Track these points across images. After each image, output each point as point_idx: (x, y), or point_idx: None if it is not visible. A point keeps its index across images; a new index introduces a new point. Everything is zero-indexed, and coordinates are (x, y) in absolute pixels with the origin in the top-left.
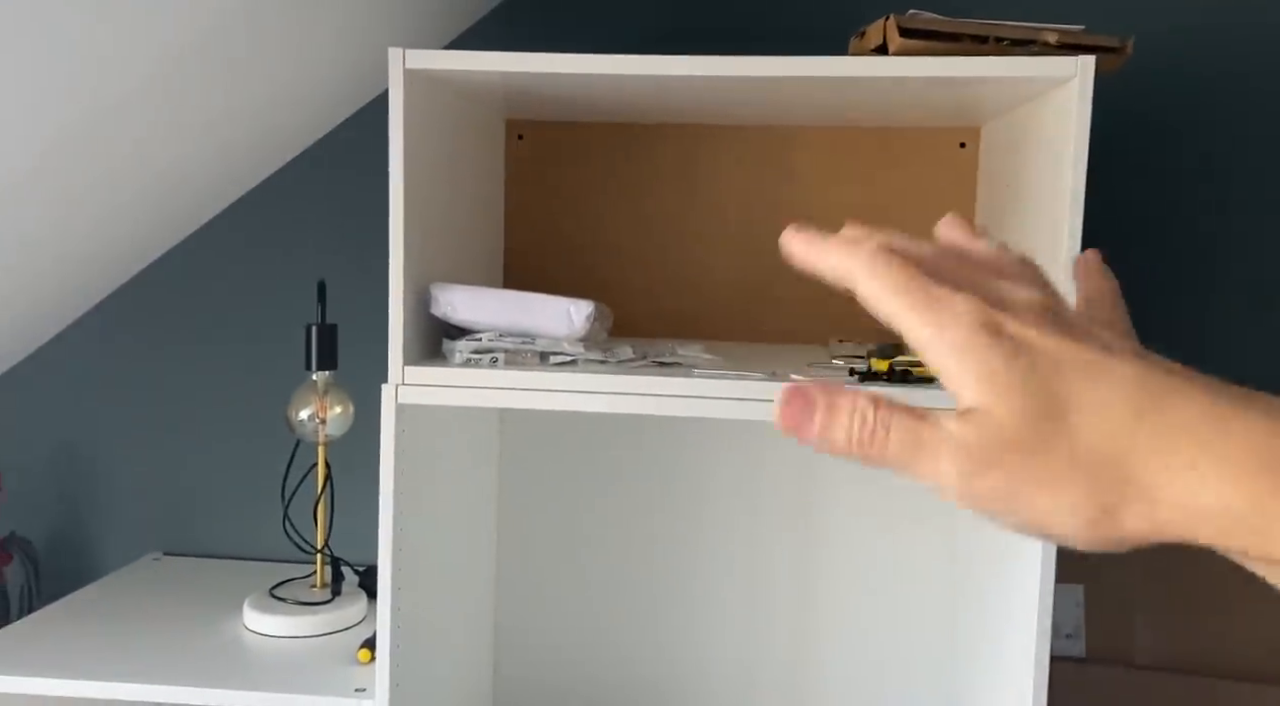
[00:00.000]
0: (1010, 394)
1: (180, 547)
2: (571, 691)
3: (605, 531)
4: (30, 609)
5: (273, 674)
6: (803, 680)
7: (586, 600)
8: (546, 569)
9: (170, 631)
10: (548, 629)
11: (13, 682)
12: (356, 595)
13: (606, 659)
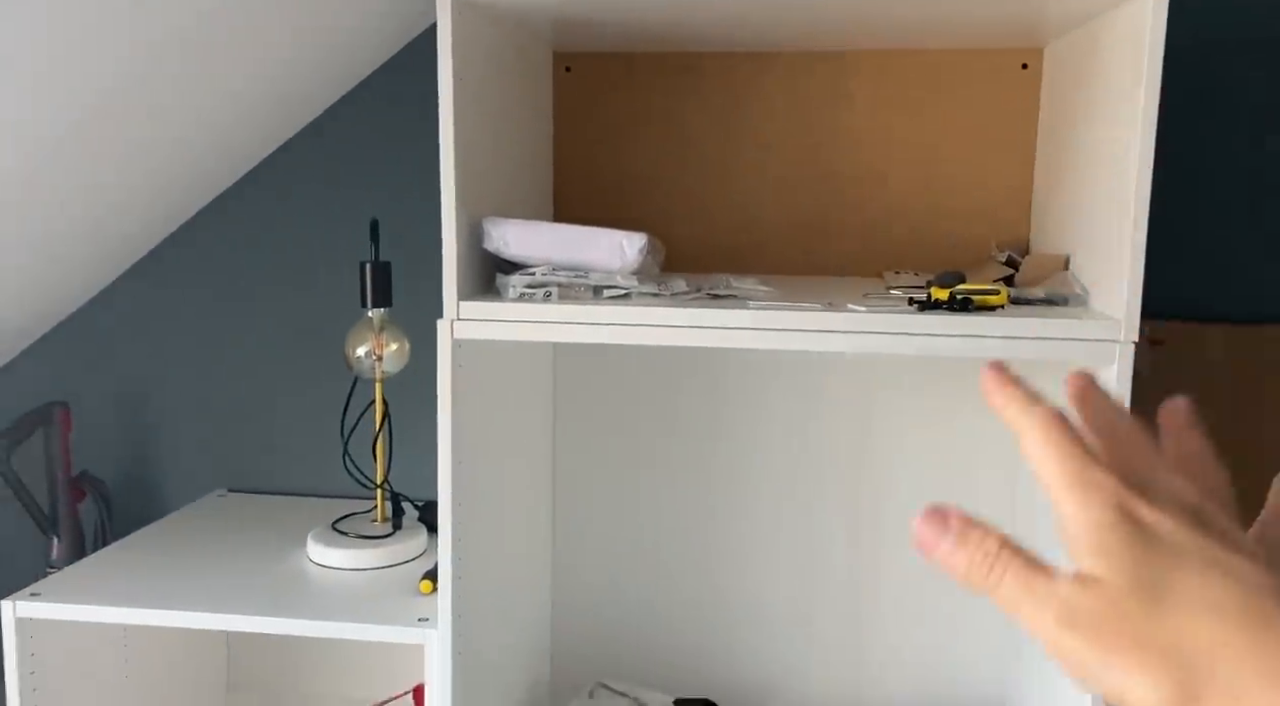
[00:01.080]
0: (1123, 570)
1: (244, 484)
2: (627, 625)
3: (659, 466)
4: (103, 545)
5: (337, 604)
6: (859, 621)
7: (641, 534)
8: (601, 503)
9: (237, 564)
10: (603, 563)
11: (90, 612)
12: (416, 529)
13: (661, 594)
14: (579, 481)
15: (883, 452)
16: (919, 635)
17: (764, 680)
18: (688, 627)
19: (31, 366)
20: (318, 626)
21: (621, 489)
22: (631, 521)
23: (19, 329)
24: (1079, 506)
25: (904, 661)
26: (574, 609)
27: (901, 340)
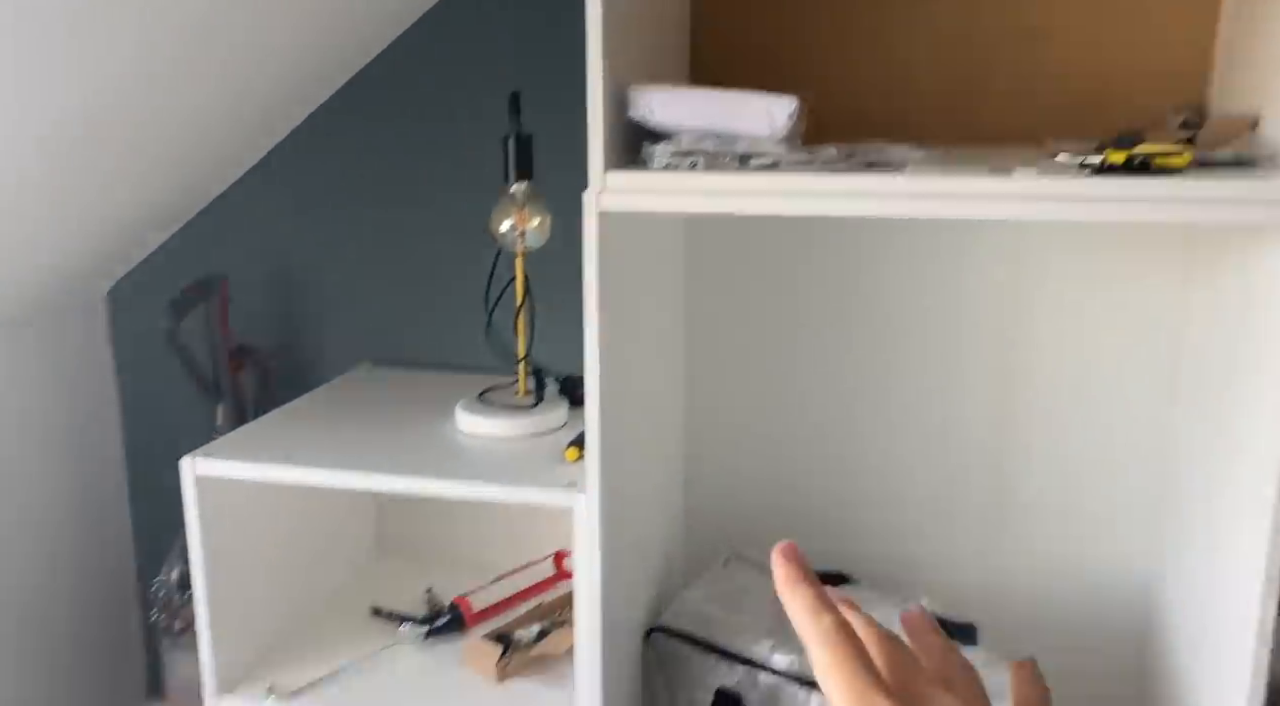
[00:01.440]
0: None
1: (389, 358)
2: (759, 498)
3: (794, 339)
4: (261, 413)
5: (488, 468)
6: (1001, 504)
7: (775, 408)
8: (735, 375)
9: (389, 431)
10: (737, 436)
11: (257, 470)
12: (557, 401)
13: (796, 471)
14: (712, 353)
15: (1034, 327)
16: (1063, 524)
17: (898, 557)
18: (821, 502)
19: (190, 241)
20: (471, 488)
21: (755, 362)
22: (765, 394)
23: (176, 205)
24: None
25: (1045, 550)
26: (708, 481)
27: (1075, 207)
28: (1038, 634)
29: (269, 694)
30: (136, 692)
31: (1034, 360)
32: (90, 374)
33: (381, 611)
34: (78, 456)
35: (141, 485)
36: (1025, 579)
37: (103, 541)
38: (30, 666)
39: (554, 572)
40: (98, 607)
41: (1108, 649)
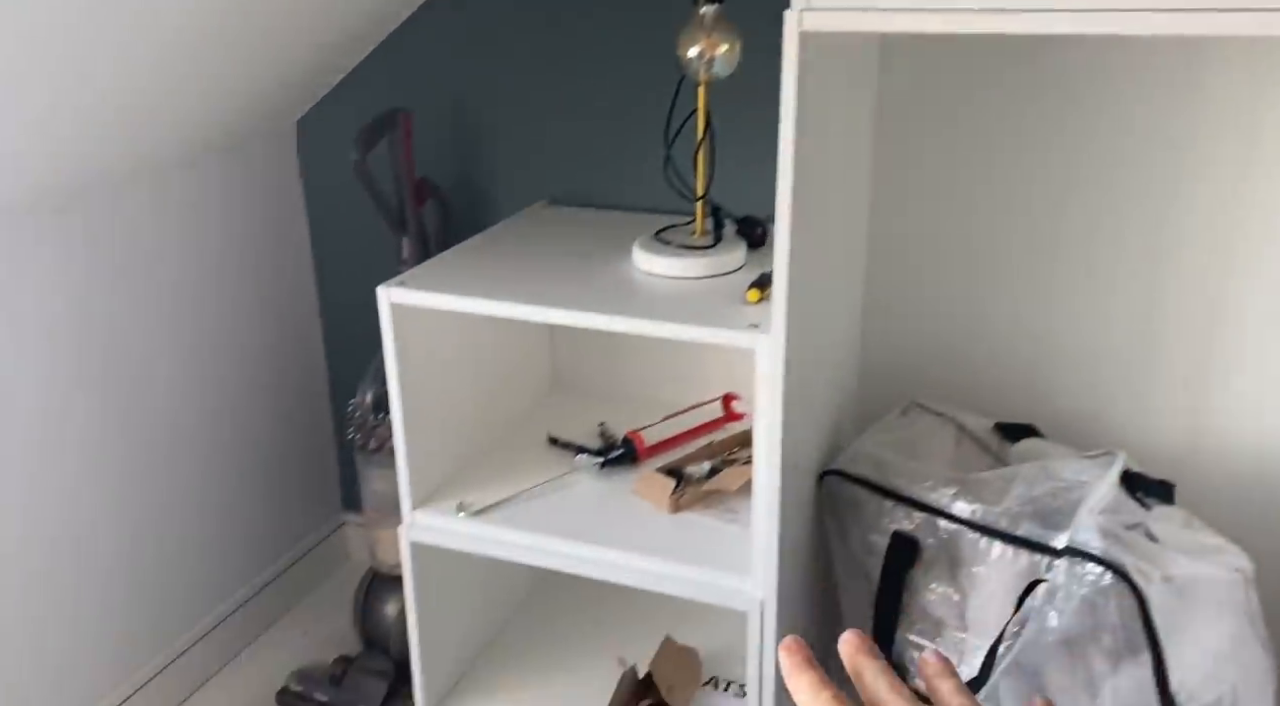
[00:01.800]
0: None
1: (566, 197)
2: (940, 345)
3: (984, 175)
4: (444, 247)
5: (668, 307)
6: (1207, 361)
7: (962, 249)
8: (921, 215)
9: (570, 267)
10: (918, 279)
11: (447, 300)
12: (735, 242)
13: (979, 313)
14: (899, 191)
15: (1269, 165)
16: (1275, 391)
17: (1090, 412)
18: (1008, 352)
19: (374, 74)
20: (655, 326)
21: (944, 201)
22: (952, 235)
23: (362, 33)
24: None
25: (1252, 413)
26: (886, 326)
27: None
28: (1238, 497)
29: (459, 510)
30: (333, 505)
31: (1268, 195)
32: (281, 202)
33: (558, 441)
34: (273, 282)
35: (331, 310)
36: (1223, 441)
37: (299, 362)
38: (236, 482)
39: (722, 414)
40: (296, 426)
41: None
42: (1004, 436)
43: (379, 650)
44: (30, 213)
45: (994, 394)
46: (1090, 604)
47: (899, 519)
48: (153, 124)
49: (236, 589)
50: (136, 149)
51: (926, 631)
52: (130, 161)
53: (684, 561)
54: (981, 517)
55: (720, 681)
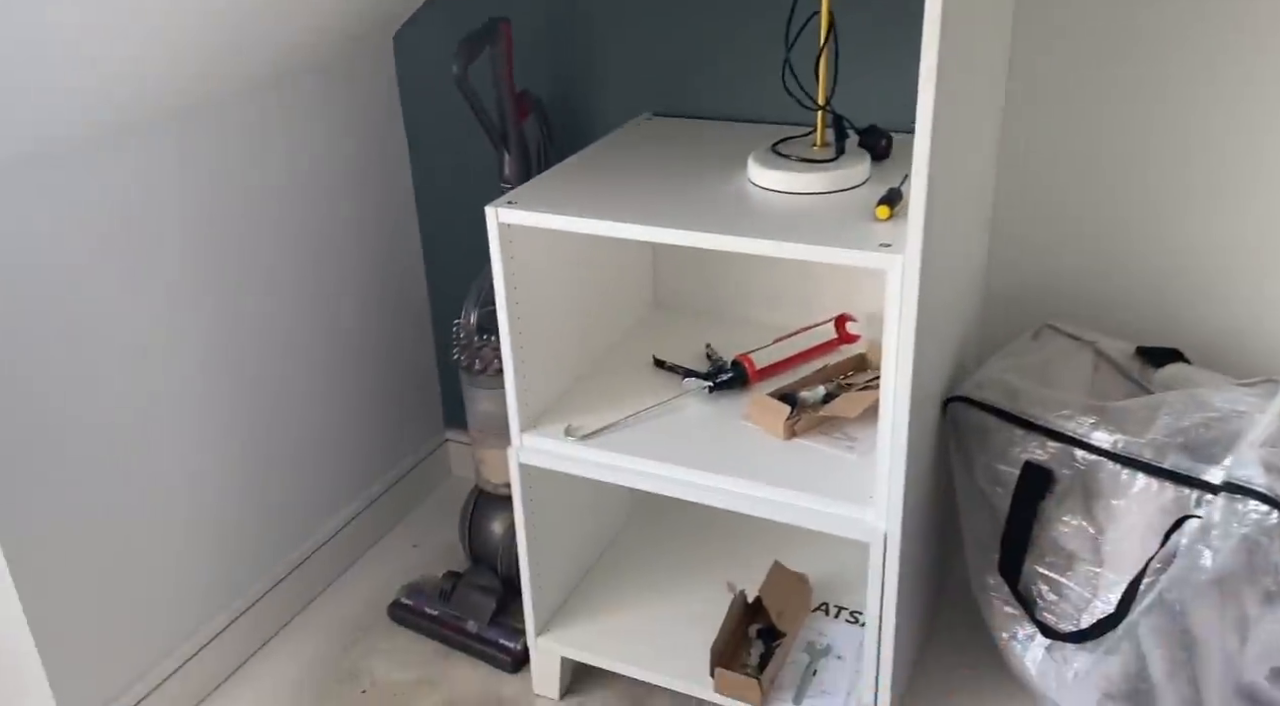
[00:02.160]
0: None
1: (670, 108)
2: (1073, 267)
3: (1126, 93)
4: (546, 161)
5: (790, 226)
6: None
7: (1096, 166)
8: (1054, 131)
9: (682, 183)
10: (1050, 199)
11: (555, 220)
12: (859, 155)
13: (1113, 233)
14: (1030, 103)
15: None
16: None
17: (1237, 334)
18: (1145, 269)
19: None
20: (779, 247)
21: (1076, 115)
22: (1086, 152)
23: None
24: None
25: None
26: (1014, 244)
27: None
28: None
29: (566, 433)
30: (436, 422)
31: None
32: (380, 119)
33: (664, 363)
34: (373, 200)
35: (430, 227)
36: None
37: (400, 280)
38: (343, 400)
39: (835, 336)
40: (399, 344)
41: None
42: (1146, 361)
43: (486, 567)
44: (134, 133)
45: (1131, 316)
46: (1251, 543)
47: (1031, 448)
48: (255, 42)
49: (346, 504)
50: (240, 69)
51: (1057, 564)
52: (232, 81)
53: (800, 489)
54: (1124, 448)
55: (831, 607)
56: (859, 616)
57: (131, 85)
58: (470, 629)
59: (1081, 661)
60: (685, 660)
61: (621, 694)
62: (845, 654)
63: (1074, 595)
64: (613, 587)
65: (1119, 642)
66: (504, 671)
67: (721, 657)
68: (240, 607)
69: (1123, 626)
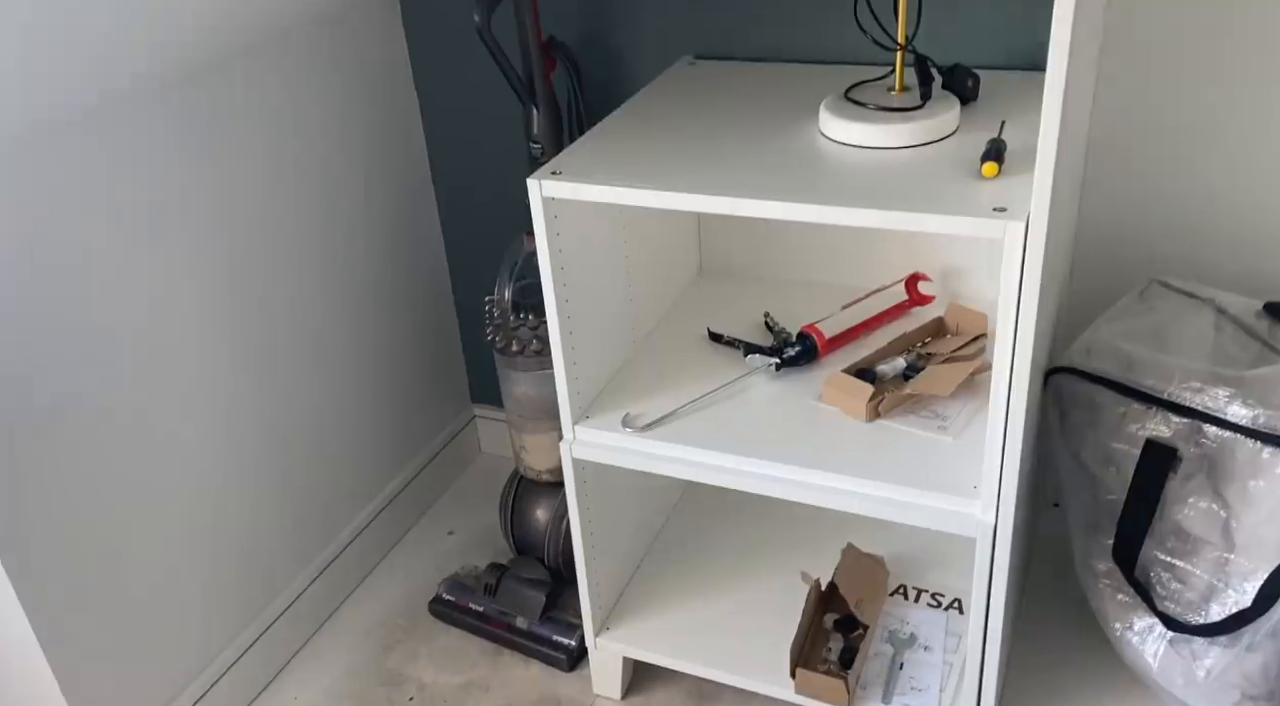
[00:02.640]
0: None
1: (714, 50)
2: (1173, 219)
3: (1225, 39)
4: (579, 117)
5: (879, 188)
6: None
7: (1189, 118)
8: (1147, 81)
9: (743, 140)
10: (1144, 150)
11: (607, 192)
12: (947, 100)
13: (1209, 185)
14: (1129, 37)
15: None
16: None
17: None
18: (1254, 217)
19: None
20: (878, 216)
21: (1172, 57)
22: (1179, 103)
23: None
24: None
25: None
26: (1106, 193)
27: None
28: None
29: (624, 424)
30: (463, 398)
31: None
32: (387, 75)
33: (722, 337)
34: (385, 163)
35: (447, 193)
36: None
37: (417, 247)
38: (366, 380)
39: (907, 298)
40: (420, 317)
41: None
42: (1275, 319)
43: (532, 557)
44: (130, 100)
45: (1243, 268)
46: None
47: (1152, 424)
48: None
49: (374, 492)
50: (241, 23)
51: (1180, 550)
52: (233, 39)
53: (893, 481)
54: (1265, 423)
55: (909, 590)
56: (941, 598)
57: (133, 53)
58: (520, 626)
59: (1215, 657)
60: (755, 655)
61: (687, 691)
62: (933, 643)
63: (1200, 583)
64: (670, 579)
65: (1262, 639)
66: (560, 670)
67: (800, 654)
68: (270, 617)
69: (1266, 620)
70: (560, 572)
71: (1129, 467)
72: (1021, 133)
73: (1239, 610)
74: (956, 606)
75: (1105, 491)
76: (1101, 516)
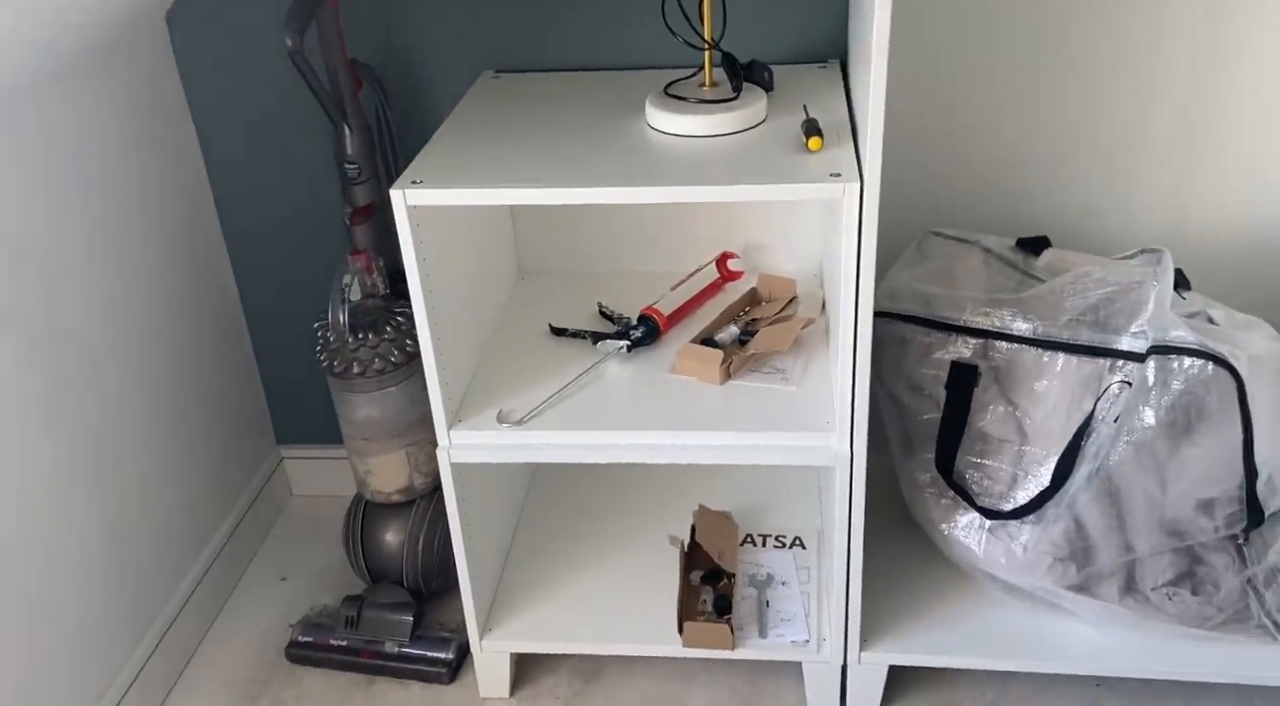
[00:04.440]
0: None
1: (513, 64)
2: (949, 174)
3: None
4: (390, 134)
5: (729, 168)
6: (1191, 148)
7: (965, 75)
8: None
9: (582, 139)
10: (923, 110)
11: (471, 195)
12: (755, 92)
13: (984, 141)
14: None
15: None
16: (1248, 163)
17: (1091, 209)
18: (1010, 169)
19: None
20: (735, 191)
21: (956, 18)
22: (956, 60)
23: None
24: None
25: (1230, 191)
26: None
27: None
28: (1215, 266)
29: (499, 421)
30: (268, 441)
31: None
32: (162, 107)
33: (565, 330)
34: (166, 203)
35: (234, 227)
36: (1210, 226)
37: (207, 286)
38: (171, 432)
39: (719, 276)
40: (220, 363)
41: None
42: (1027, 251)
43: (389, 582)
44: None
45: (1005, 212)
46: (1190, 395)
47: (955, 348)
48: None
49: (200, 550)
50: (9, 61)
51: (987, 451)
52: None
53: (758, 429)
54: (1043, 332)
55: (755, 537)
56: (784, 539)
57: None
58: (391, 650)
59: (1027, 534)
60: (636, 622)
61: (571, 672)
62: (788, 578)
63: (1006, 476)
64: (538, 567)
65: (1061, 510)
66: (440, 684)
67: (683, 610)
68: (115, 696)
69: (1062, 494)
70: (420, 591)
71: (938, 390)
72: (822, 115)
73: (1040, 491)
74: (799, 543)
75: (917, 414)
76: (916, 436)
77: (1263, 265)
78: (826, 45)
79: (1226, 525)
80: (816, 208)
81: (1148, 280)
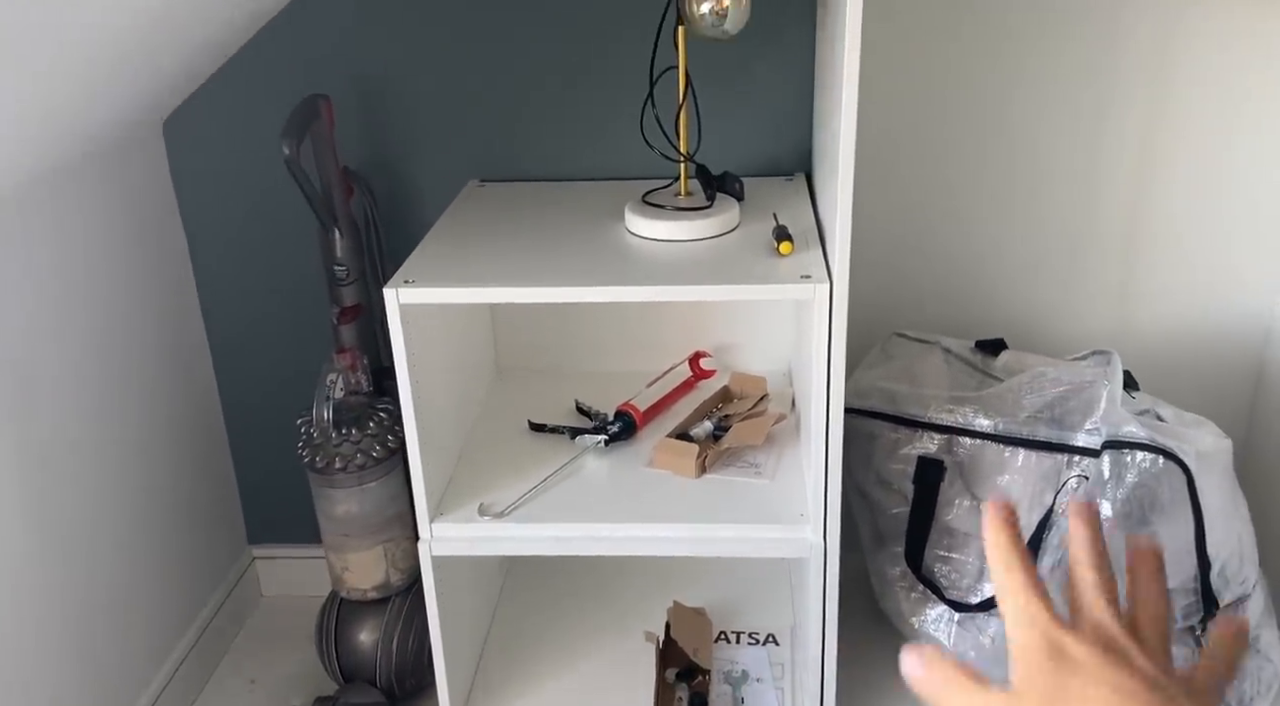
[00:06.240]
0: (1043, 695)
1: (496, 174)
2: (912, 279)
3: (946, 116)
4: (378, 240)
5: (708, 271)
6: (1133, 249)
7: (904, 188)
8: (907, 149)
9: (565, 243)
10: (891, 220)
11: (454, 294)
12: (727, 201)
13: (944, 250)
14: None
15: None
16: (1190, 267)
17: (1042, 308)
18: (970, 276)
19: (270, 50)
20: (715, 291)
21: (915, 134)
22: (915, 173)
23: (253, 12)
24: (1013, 626)
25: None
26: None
27: None
28: (1161, 366)
29: (481, 513)
30: (239, 541)
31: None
32: (154, 213)
33: (544, 426)
34: (151, 301)
35: (218, 327)
36: (1149, 330)
37: (188, 388)
38: (144, 534)
39: (691, 374)
40: (193, 462)
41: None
42: (986, 352)
43: (362, 681)
44: None
45: (963, 313)
46: (1143, 487)
47: (921, 443)
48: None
49: (167, 653)
50: (9, 164)
51: (954, 544)
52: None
53: (733, 521)
54: (1004, 429)
55: (729, 634)
56: (757, 636)
57: None
58: None
59: (995, 626)
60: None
61: None
62: (761, 675)
63: (973, 569)
64: (514, 665)
65: None
66: None
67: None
68: None
69: None
70: (394, 691)
71: (905, 484)
72: (791, 222)
73: None
74: (772, 639)
75: (886, 509)
76: (886, 531)
77: (1207, 363)
78: (793, 160)
79: (1184, 616)
80: (785, 310)
81: (1099, 380)
